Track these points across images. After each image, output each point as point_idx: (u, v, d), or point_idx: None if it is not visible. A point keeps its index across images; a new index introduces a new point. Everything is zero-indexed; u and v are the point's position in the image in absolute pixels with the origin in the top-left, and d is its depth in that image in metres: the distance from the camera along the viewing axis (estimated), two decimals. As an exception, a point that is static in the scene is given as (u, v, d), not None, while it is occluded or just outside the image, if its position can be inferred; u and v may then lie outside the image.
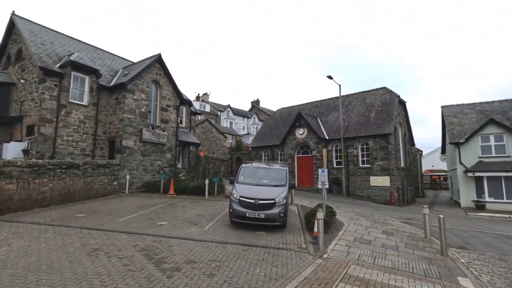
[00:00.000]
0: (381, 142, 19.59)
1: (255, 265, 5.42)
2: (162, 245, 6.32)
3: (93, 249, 5.87)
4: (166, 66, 18.01)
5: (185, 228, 8.09)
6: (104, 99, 16.20)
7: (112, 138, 15.86)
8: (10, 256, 5.31)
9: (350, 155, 20.86)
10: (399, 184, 20.55)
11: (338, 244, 7.29)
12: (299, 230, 8.51)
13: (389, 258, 6.62)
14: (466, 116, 21.57)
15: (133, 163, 15.68)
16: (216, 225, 8.57)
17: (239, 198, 8.17)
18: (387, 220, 11.26)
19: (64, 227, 7.69)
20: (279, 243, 7.05)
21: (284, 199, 8.24)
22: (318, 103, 27.28)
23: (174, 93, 18.73)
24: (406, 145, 24.57)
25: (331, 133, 22.41)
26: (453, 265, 6.55)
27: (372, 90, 24.01)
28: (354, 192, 20.21)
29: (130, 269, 4.83)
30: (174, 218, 9.33)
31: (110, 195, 13.86)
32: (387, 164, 19.15)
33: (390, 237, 8.50)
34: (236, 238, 7.31)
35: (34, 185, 10.58)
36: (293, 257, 6.12)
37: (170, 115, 18.31)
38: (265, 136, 27.61)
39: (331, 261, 6.01)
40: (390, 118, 20.17)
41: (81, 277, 4.45)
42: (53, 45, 16.00)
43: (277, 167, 10.00)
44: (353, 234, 8.43)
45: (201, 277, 4.68)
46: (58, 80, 14.12)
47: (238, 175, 9.37)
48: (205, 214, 10.04)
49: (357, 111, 22.80)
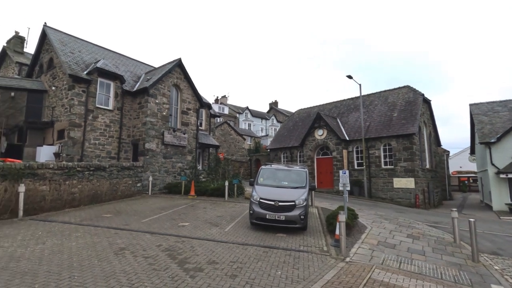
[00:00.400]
0: (404, 143, 18.93)
1: (276, 267, 5.41)
2: (185, 246, 6.46)
3: (120, 248, 6.10)
4: (186, 70, 18.43)
5: (206, 229, 8.22)
6: (128, 104, 16.82)
7: (135, 141, 16.43)
8: (45, 254, 5.63)
9: (372, 156, 20.32)
10: (425, 186, 19.74)
11: (361, 248, 7.12)
12: (320, 233, 8.39)
13: (416, 263, 6.38)
14: (498, 114, 20.39)
15: (156, 165, 16.14)
16: (237, 227, 8.63)
17: (259, 200, 8.19)
18: (413, 223, 10.85)
19: (93, 226, 8.05)
20: (300, 246, 6.99)
21: (305, 201, 8.17)
22: (338, 104, 26.82)
23: (194, 96, 19.11)
24: (432, 145, 23.58)
25: (352, 133, 21.94)
26: (485, 271, 6.20)
27: (394, 89, 23.30)
28: (376, 194, 19.65)
29: (155, 269, 4.97)
30: (195, 219, 9.50)
31: (134, 196, 14.34)
32: (412, 165, 18.47)
33: (416, 241, 8.18)
34: (257, 239, 7.33)
35: (64, 186, 11.16)
36: (314, 260, 6.04)
37: (190, 118, 18.69)
38: (284, 137, 27.49)
39: (354, 265, 5.88)
40: (414, 117, 19.46)
41: (109, 275, 4.64)
42: (81, 53, 16.84)
43: (297, 168, 9.92)
44: (377, 237, 8.20)
45: (223, 277, 4.74)
46: (86, 86, 14.85)
47: (257, 177, 9.40)
48: (225, 216, 10.15)
49: (378, 111, 22.19)
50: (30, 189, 9.75)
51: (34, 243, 6.32)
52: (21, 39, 21.74)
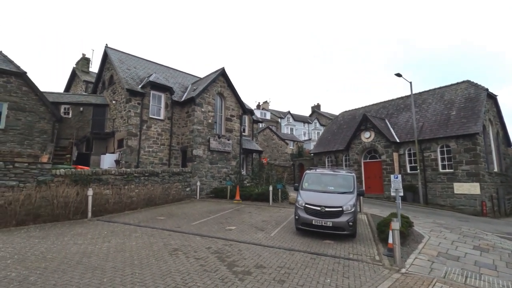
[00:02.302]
0: (466, 144, 17.08)
1: (325, 275, 5.26)
2: (233, 249, 6.64)
3: (173, 249, 6.50)
4: (229, 79, 19.10)
5: (252, 233, 8.34)
6: (177, 113, 17.96)
7: (184, 148, 17.42)
8: (111, 251, 6.25)
9: (427, 159, 18.69)
10: (493, 191, 17.51)
11: (418, 259, 6.57)
12: (371, 241, 7.95)
13: (486, 278, 5.69)
14: None
15: (202, 170, 16.90)
16: (282, 232, 8.60)
17: (304, 205, 8.08)
18: (479, 233, 9.69)
19: (149, 228, 8.71)
20: (349, 253, 6.71)
21: (353, 206, 7.84)
22: (386, 104, 25.30)
23: (237, 103, 19.67)
24: (500, 146, 20.87)
25: (403, 135, 20.48)
26: None
27: (451, 85, 21.24)
28: (433, 201, 17.98)
29: (206, 270, 5.20)
30: (241, 223, 9.71)
31: (184, 200, 15.16)
32: (476, 169, 16.55)
33: (484, 253, 7.29)
34: (303, 245, 7.22)
35: (124, 190, 12.27)
36: (366, 269, 5.75)
37: (234, 125, 19.25)
38: (328, 141, 26.74)
39: (411, 276, 5.46)
40: (476, 115, 17.49)
41: (165, 273, 4.98)
42: (136, 69, 18.51)
43: (344, 173, 9.58)
44: (436, 248, 7.50)
45: (271, 282, 4.76)
46: (141, 99, 16.24)
47: (302, 182, 9.28)
48: (270, 221, 10.19)
49: (433, 110, 20.40)
50: (96, 193, 10.91)
51: (101, 242, 7.06)
52: (87, 60, 24.70)
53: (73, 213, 9.92)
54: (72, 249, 6.36)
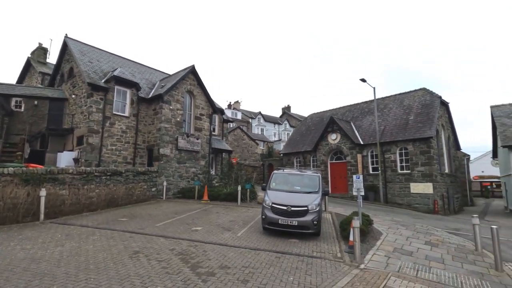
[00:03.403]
0: (421, 147, 18.41)
1: (288, 273, 5.35)
2: (197, 250, 6.51)
3: (134, 251, 6.22)
4: (199, 77, 18.76)
5: (219, 233, 8.25)
6: (143, 110, 17.26)
7: (150, 147, 16.79)
8: (64, 256, 5.82)
9: (388, 160, 19.86)
10: (444, 191, 19.07)
11: (376, 255, 6.94)
12: (334, 239, 8.25)
13: (434, 271, 6.15)
14: (521, 116, 19.51)
15: (170, 170, 16.41)
16: (249, 232, 8.62)
17: (271, 205, 8.16)
18: (431, 230, 10.48)
19: (109, 230, 8.25)
20: (313, 251, 6.90)
21: (318, 206, 8.07)
22: (351, 107, 26.47)
23: (207, 102, 19.38)
24: (451, 149, 22.80)
25: (366, 137, 21.56)
26: (510, 281, 5.89)
27: (410, 91, 22.79)
28: (392, 200, 19.14)
29: (168, 272, 5.03)
30: (208, 223, 9.57)
31: (149, 200, 14.60)
32: (429, 170, 17.91)
33: (434, 248, 7.90)
34: (269, 245, 7.29)
35: (83, 190, 11.52)
36: (328, 266, 5.94)
37: (203, 124, 18.95)
38: (297, 142, 27.35)
39: (369, 272, 5.74)
40: (431, 120, 18.93)
41: (124, 277, 4.74)
42: (99, 62, 17.49)
43: (310, 173, 9.85)
44: (393, 244, 7.97)
45: (235, 282, 4.74)
46: (104, 94, 15.37)
47: (270, 182, 9.38)
48: (238, 220, 10.16)
49: (394, 114, 21.73)
50: (51, 193, 10.12)
51: (53, 246, 6.55)
52: (44, 50, 22.83)
53: (23, 216, 9.10)
54: (19, 255, 5.82)
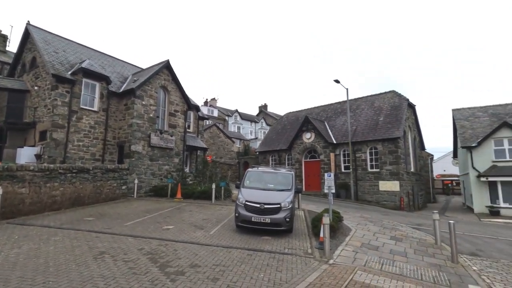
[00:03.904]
0: (390, 146, 19.31)
1: (259, 270, 5.39)
2: (168, 249, 6.36)
3: (100, 252, 5.95)
4: (174, 72, 18.29)
5: (191, 232, 8.12)
6: (114, 105, 16.53)
7: (121, 143, 16.13)
8: (20, 258, 5.43)
9: (359, 159, 20.62)
10: (409, 189, 20.15)
11: (345, 250, 7.18)
12: (305, 235, 8.42)
13: (397, 264, 6.48)
14: (478, 119, 21.09)
15: (142, 167, 15.88)
16: (222, 230, 8.57)
17: (244, 203, 8.17)
18: (396, 225, 11.04)
19: (73, 230, 7.82)
20: (284, 248, 7.00)
21: (290, 203, 8.19)
22: (326, 107, 27.15)
23: (182, 98, 18.96)
24: (416, 149, 24.14)
25: (339, 137, 22.23)
26: (464, 272, 6.36)
27: (380, 94, 23.79)
28: (362, 197, 19.92)
29: (135, 272, 4.87)
30: (180, 222, 9.39)
31: (119, 199, 14.05)
32: (397, 169, 18.84)
33: (398, 243, 8.32)
34: (242, 242, 7.29)
35: (45, 189, 10.82)
36: (298, 262, 6.05)
37: (178, 120, 18.52)
38: (273, 140, 27.59)
39: (337, 267, 5.92)
40: (399, 121, 19.90)
41: (86, 279, 4.51)
42: (66, 53, 16.48)
43: (283, 171, 9.97)
44: (361, 239, 8.29)
45: (204, 281, 4.68)
46: (70, 87, 14.51)
47: (244, 180, 9.38)
48: (211, 219, 10.07)
49: (365, 115, 22.58)
50: (8, 192, 9.41)
51: (9, 248, 6.09)
52: (3, 37, 21.13)
53: (-25, 216, 8.39)
54: (-32, 259, 5.36)
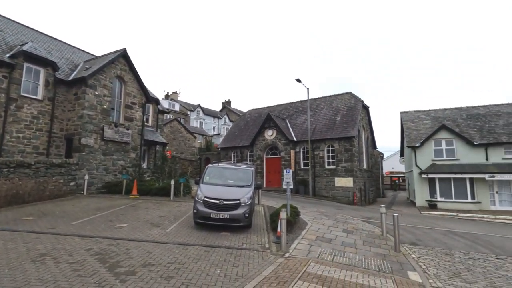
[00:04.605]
0: (345, 145, 20.43)
1: (216, 266, 5.36)
2: (119, 248, 6.02)
3: (39, 254, 5.42)
4: (131, 62, 17.27)
5: (146, 230, 7.79)
6: (62, 94, 15.13)
7: (69, 136, 14.85)
8: None
9: (317, 156, 21.50)
10: (362, 185, 21.57)
11: (301, 243, 7.45)
12: (264, 230, 8.57)
13: (347, 255, 6.90)
14: (422, 121, 23.25)
15: (93, 162, 14.80)
16: (180, 227, 8.36)
17: (203, 199, 8.05)
18: (349, 219, 11.74)
19: (8, 231, 7.02)
20: (242, 244, 7.05)
21: (250, 199, 8.25)
22: (288, 106, 27.81)
23: (140, 90, 18.01)
24: (369, 148, 25.89)
25: (299, 135, 22.94)
26: (404, 260, 6.99)
27: (338, 94, 25.01)
28: (320, 193, 20.85)
29: (79, 275, 4.52)
30: (135, 220, 8.95)
31: (66, 196, 12.94)
32: (351, 166, 20.01)
33: (350, 235, 8.87)
34: (199, 239, 7.19)
35: (-26, 185, 9.55)
36: (255, 257, 6.14)
37: (135, 113, 17.56)
38: (235, 136, 27.56)
39: (292, 259, 6.13)
40: (354, 122, 21.12)
41: (21, 285, 4.08)
42: (3, 33, 14.65)
43: (244, 167, 10.02)
44: (316, 233, 8.67)
45: (157, 280, 4.52)
46: (8, 72, 12.94)
47: (203, 176, 9.26)
48: (168, 216, 9.76)
49: (324, 115, 23.58)
50: None
51: None
52: None
53: None
54: None
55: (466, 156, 19.64)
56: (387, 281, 5.45)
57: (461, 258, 7.51)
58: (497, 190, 18.64)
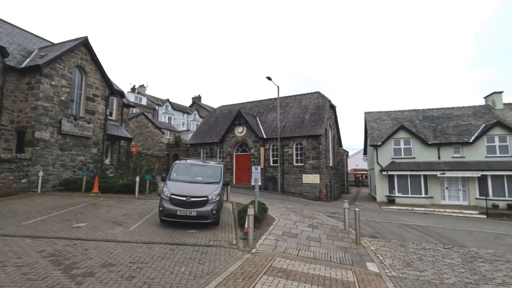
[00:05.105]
0: (313, 143, 21.05)
1: (181, 264, 5.26)
2: (76, 249, 5.68)
3: (-18, 258, 4.94)
4: (93, 52, 16.24)
5: (107, 229, 7.43)
6: (13, 83, 13.81)
7: (21, 129, 13.63)
8: None
9: (286, 154, 21.92)
10: (328, 181, 22.40)
11: (267, 239, 7.57)
12: (232, 227, 8.58)
13: (312, 249, 7.15)
14: (383, 122, 24.66)
15: (49, 158, 13.75)
16: (144, 225, 8.08)
17: (170, 196, 7.86)
18: (314, 214, 12.15)
19: None
20: (209, 241, 7.00)
21: (218, 196, 8.21)
22: (258, 103, 27.96)
23: (103, 82, 17.02)
24: (335, 146, 26.93)
25: (269, 132, 23.19)
26: (364, 252, 7.40)
27: (307, 93, 25.63)
28: (288, 189, 21.30)
29: (30, 278, 4.19)
30: (95, 218, 8.49)
31: (17, 194, 11.90)
32: (318, 163, 20.68)
33: (315, 230, 9.18)
34: (165, 237, 7.01)
35: None
36: (222, 253, 6.13)
37: (97, 106, 16.57)
38: (205, 133, 27.16)
39: (259, 255, 6.21)
40: (322, 120, 21.82)
41: (-40, 292, 3.70)
42: None
43: (212, 164, 9.94)
44: (283, 228, 8.86)
45: (117, 280, 4.34)
46: None
47: (170, 172, 9.05)
48: (132, 214, 9.38)
49: (293, 113, 24.06)
50: None
51: None
52: None
53: None
54: None
55: (421, 154, 21.22)
56: (347, 272, 5.74)
57: (414, 249, 8.13)
58: (447, 186, 20.40)
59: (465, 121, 22.11)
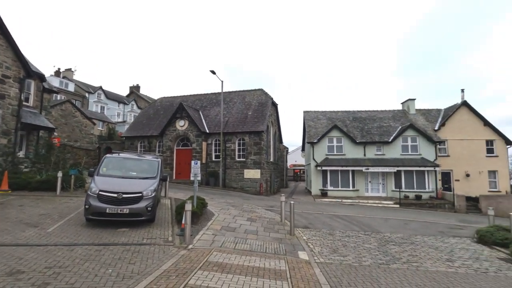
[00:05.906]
0: (255, 139, 21.51)
1: (108, 266, 4.88)
2: (-27, 257, 4.80)
3: None
4: (3, 23, 13.76)
5: (17, 231, 6.45)
6: None
7: None
8: None
9: (228, 149, 21.96)
10: (268, 176, 23.21)
11: (205, 234, 7.51)
12: (168, 223, 8.28)
13: (249, 242, 7.34)
14: (320, 121, 26.54)
15: None
16: (66, 225, 7.25)
17: (98, 192, 7.20)
18: (254, 208, 12.48)
19: None
20: (143, 239, 6.64)
21: (154, 192, 7.82)
22: (201, 97, 27.34)
23: (17, 61, 14.56)
24: (276, 142, 28.00)
25: (212, 127, 22.91)
26: (297, 242, 7.89)
27: (251, 90, 26.01)
28: (229, 184, 21.41)
29: None
30: (2, 220, 7.28)
31: None
32: (259, 159, 21.24)
33: (253, 223, 9.44)
34: (90, 238, 6.40)
35: None
36: (156, 251, 5.87)
37: (8, 89, 14.13)
38: (143, 125, 25.48)
39: (195, 251, 6.13)
40: (264, 117, 22.41)
41: None
42: None
43: (149, 158, 9.41)
44: (221, 223, 8.89)
45: (27, 289, 3.82)
46: None
47: (99, 167, 8.28)
48: (52, 213, 8.33)
49: (237, 108, 24.18)
50: None
51: None
52: None
53: None
54: None
55: (350, 152, 23.50)
56: (280, 262, 6.06)
57: (340, 236, 8.99)
58: (370, 180, 23.03)
59: (386, 123, 25.19)
